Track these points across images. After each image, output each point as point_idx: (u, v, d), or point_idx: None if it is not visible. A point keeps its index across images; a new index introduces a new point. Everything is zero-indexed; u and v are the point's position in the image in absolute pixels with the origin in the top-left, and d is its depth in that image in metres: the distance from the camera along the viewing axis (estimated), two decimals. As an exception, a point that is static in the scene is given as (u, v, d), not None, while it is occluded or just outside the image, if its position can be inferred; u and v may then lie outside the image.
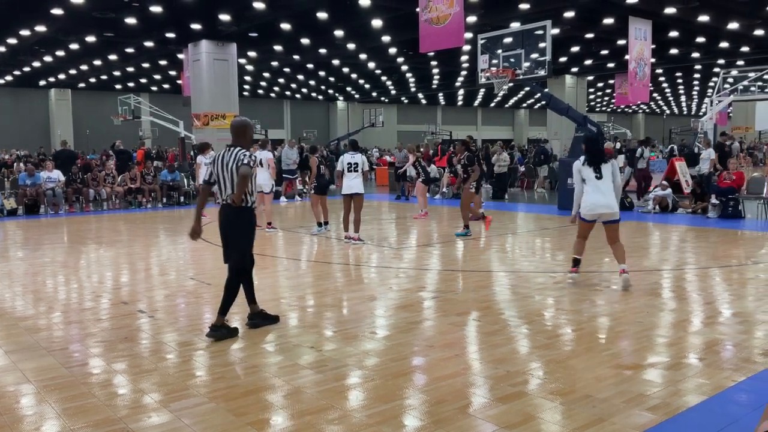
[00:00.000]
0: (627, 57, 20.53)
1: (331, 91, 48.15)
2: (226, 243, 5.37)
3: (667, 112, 67.17)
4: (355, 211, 10.44)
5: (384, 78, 39.74)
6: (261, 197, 12.38)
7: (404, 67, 34.89)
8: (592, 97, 51.32)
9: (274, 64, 32.20)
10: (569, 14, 21.08)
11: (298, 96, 50.31)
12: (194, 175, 16.85)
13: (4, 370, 4.55)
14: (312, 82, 42.03)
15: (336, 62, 32.37)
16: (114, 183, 17.72)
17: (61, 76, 35.53)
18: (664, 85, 45.50)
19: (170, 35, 24.06)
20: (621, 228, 7.35)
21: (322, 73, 37.19)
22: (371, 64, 33.26)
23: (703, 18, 21.46)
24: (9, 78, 36.25)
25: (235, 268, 5.30)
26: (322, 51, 27.47)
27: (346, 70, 35.66)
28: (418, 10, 16.04)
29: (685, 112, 67.52)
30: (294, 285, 7.45)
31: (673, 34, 24.57)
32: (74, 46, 25.88)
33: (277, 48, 26.92)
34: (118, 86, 39.88)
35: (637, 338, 5.11)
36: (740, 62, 31.15)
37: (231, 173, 5.20)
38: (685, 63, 32.23)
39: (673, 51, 28.33)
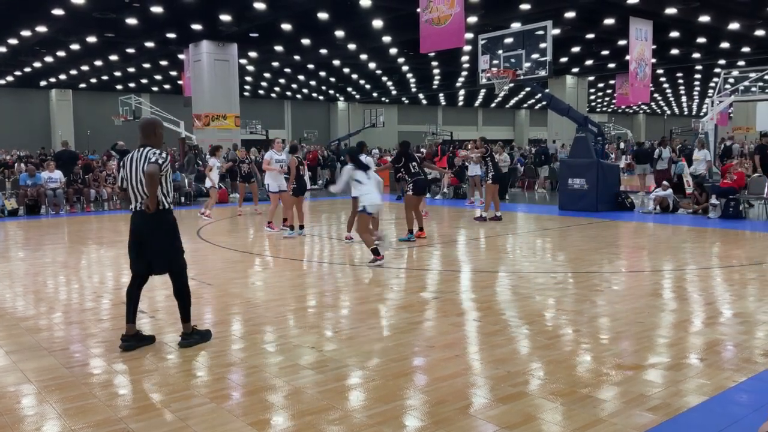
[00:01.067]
0: (628, 57, 20.54)
1: (331, 92, 48.18)
2: (140, 252, 4.99)
3: (668, 112, 67.20)
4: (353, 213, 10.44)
5: (385, 78, 39.76)
6: (274, 198, 12.37)
7: (405, 68, 34.91)
8: (592, 97, 51.33)
9: (275, 64, 32.23)
10: (570, 14, 21.10)
11: (298, 96, 50.34)
12: (204, 177, 16.76)
13: (5, 371, 4.55)
14: (313, 83, 42.06)
15: (337, 63, 32.40)
16: (115, 183, 17.72)
17: (62, 77, 35.57)
18: (665, 85, 45.51)
19: (171, 36, 24.10)
20: (622, 229, 7.36)
21: (322, 74, 37.22)
22: (372, 65, 33.27)
23: (704, 18, 21.47)
24: (10, 78, 36.30)
25: (174, 272, 5.04)
26: (323, 51, 27.49)
27: (346, 70, 35.68)
28: (418, 10, 16.05)
29: (686, 113, 67.51)
30: (294, 285, 7.46)
31: (674, 34, 24.58)
32: (75, 47, 25.91)
33: (278, 48, 26.94)
34: (119, 87, 39.93)
35: (638, 338, 5.11)
36: (741, 62, 31.14)
37: (140, 174, 4.86)
38: (686, 63, 32.24)
39: (674, 51, 28.34)
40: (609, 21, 22.36)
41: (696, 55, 29.47)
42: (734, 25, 22.81)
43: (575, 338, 5.18)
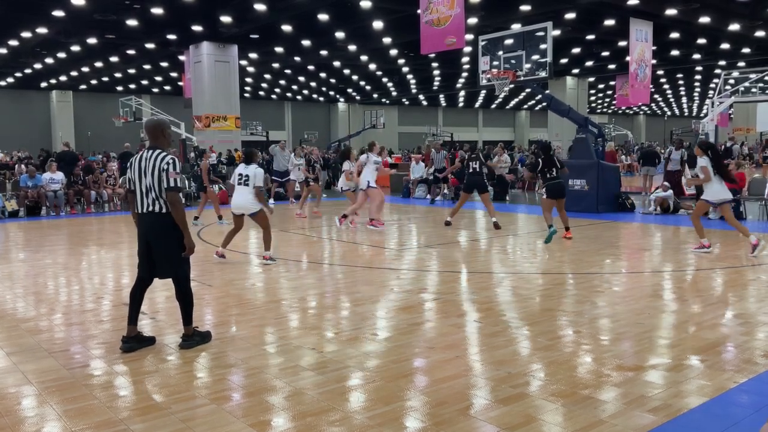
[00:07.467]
0: (628, 58, 20.54)
1: (332, 93, 48.20)
2: (147, 255, 5.04)
3: (668, 113, 67.20)
4: (263, 230, 8.83)
5: (385, 79, 39.79)
6: (364, 195, 12.34)
7: (405, 69, 34.94)
8: (593, 98, 51.35)
9: (275, 65, 32.25)
10: (570, 16, 21.11)
11: (299, 97, 50.37)
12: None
13: (6, 372, 4.55)
14: (313, 84, 42.09)
15: (337, 64, 32.42)
16: (115, 185, 17.73)
17: (63, 78, 35.61)
18: (666, 86, 45.54)
19: (171, 37, 24.13)
20: (621, 229, 7.34)
21: (323, 75, 37.24)
22: (372, 66, 33.29)
23: (704, 19, 21.49)
24: (10, 80, 36.33)
25: (179, 277, 5.01)
26: (323, 53, 27.52)
27: (347, 71, 35.71)
28: (419, 11, 16.06)
29: (686, 114, 67.52)
30: (295, 286, 7.45)
31: (674, 35, 24.59)
32: (76, 48, 25.95)
33: (278, 50, 26.96)
34: (119, 88, 39.95)
35: (638, 339, 5.11)
36: (741, 63, 31.16)
37: (151, 178, 4.81)
38: (686, 64, 32.27)
39: (674, 52, 28.36)
40: (609, 22, 22.37)
41: (696, 56, 29.49)
42: (734, 26, 22.83)
43: (576, 339, 5.17)
